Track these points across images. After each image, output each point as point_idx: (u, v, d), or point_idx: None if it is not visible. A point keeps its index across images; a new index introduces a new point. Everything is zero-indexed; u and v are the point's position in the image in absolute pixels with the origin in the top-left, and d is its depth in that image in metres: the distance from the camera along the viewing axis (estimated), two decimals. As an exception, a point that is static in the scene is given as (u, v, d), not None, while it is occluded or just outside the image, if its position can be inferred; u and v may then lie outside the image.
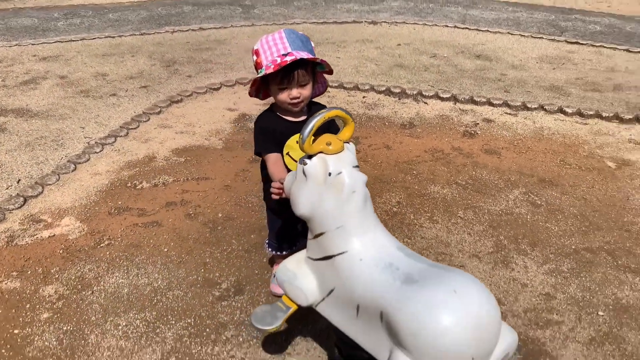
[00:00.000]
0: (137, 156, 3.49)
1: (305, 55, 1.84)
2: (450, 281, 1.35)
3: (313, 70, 1.95)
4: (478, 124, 4.03)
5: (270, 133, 2.01)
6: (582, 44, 6.05)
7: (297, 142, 2.00)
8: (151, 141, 3.70)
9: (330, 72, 2.00)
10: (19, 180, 3.19)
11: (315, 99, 2.13)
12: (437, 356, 1.27)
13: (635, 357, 2.09)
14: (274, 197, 1.82)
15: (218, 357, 2.03)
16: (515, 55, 5.69)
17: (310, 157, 1.52)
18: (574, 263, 2.60)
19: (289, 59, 1.82)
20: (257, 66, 1.92)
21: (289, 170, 2.03)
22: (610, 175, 3.39)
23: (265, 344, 2.09)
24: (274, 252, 2.31)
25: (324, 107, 2.13)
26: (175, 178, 3.24)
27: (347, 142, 1.58)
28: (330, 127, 1.98)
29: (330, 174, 1.49)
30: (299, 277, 1.63)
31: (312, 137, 1.50)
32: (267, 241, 2.34)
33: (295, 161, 2.03)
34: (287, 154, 2.03)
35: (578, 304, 2.35)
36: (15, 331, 2.14)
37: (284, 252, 2.30)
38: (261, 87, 2.00)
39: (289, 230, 2.24)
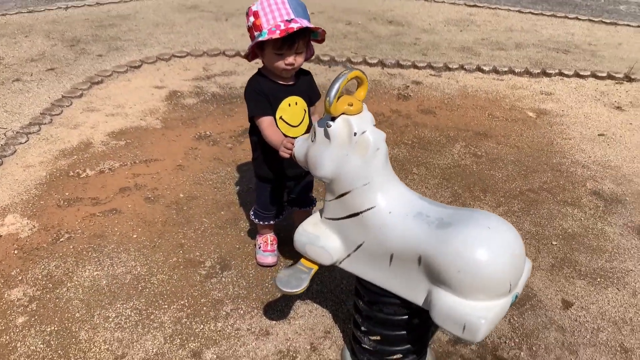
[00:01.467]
0: (71, 143, 3.24)
1: (307, 23, 1.83)
2: (481, 220, 1.45)
3: (308, 38, 1.95)
4: (408, 86, 4.21)
5: (264, 96, 1.98)
6: (480, 6, 6.47)
7: (289, 105, 2.00)
8: (81, 126, 3.44)
9: (322, 40, 2.00)
10: (-62, 180, 2.84)
11: None
12: (481, 286, 1.37)
13: (590, 276, 2.38)
14: (284, 155, 1.81)
15: (223, 332, 2.01)
16: (423, 20, 5.96)
17: (332, 118, 1.54)
18: (522, 203, 2.86)
19: (294, 26, 1.78)
20: (255, 28, 1.86)
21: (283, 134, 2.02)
22: (533, 124, 3.73)
23: (267, 312, 2.10)
24: (260, 222, 2.29)
25: (311, 76, 2.13)
26: (121, 162, 3.05)
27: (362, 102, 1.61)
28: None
29: (355, 134, 1.52)
30: (322, 238, 1.65)
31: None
32: (252, 211, 2.31)
33: (289, 124, 2.03)
34: (280, 117, 2.01)
35: (534, 237, 2.61)
36: (-8, 340, 1.95)
37: (271, 222, 2.29)
38: (253, 49, 1.95)
39: (276, 200, 2.24)
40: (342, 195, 1.57)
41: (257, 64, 2.09)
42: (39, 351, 1.92)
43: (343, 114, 1.52)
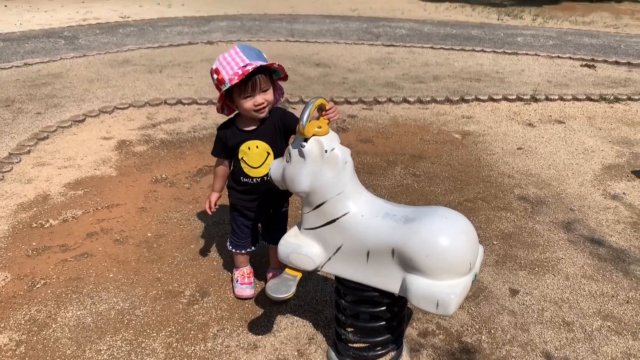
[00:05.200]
0: (27, 197, 3.26)
1: (261, 63, 2.05)
2: (439, 213, 1.74)
3: (271, 78, 2.17)
4: (345, 120, 4.56)
5: (224, 142, 2.24)
6: (397, 45, 7.07)
7: (249, 148, 2.21)
8: (35, 180, 3.47)
9: (285, 77, 2.22)
10: None
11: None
12: (447, 267, 1.64)
13: (529, 267, 2.72)
14: (208, 211, 2.32)
15: (214, 350, 2.14)
16: (347, 61, 6.43)
17: (305, 140, 1.78)
18: (462, 212, 3.16)
19: (249, 68, 2.01)
20: (220, 83, 2.06)
21: (242, 172, 2.22)
22: (460, 144, 4.17)
23: (252, 329, 2.25)
24: (236, 250, 2.44)
25: (283, 109, 2.34)
26: (84, 210, 3.12)
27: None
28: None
29: (326, 151, 1.77)
30: (303, 246, 1.86)
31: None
32: (229, 241, 2.46)
33: (249, 165, 2.24)
34: (242, 158, 2.23)
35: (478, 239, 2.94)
36: (-14, 386, 1.97)
37: (246, 250, 2.45)
38: (225, 102, 2.15)
39: (250, 229, 2.40)
40: (319, 205, 1.81)
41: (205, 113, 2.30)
42: (35, 391, 1.96)
43: (313, 135, 1.77)
